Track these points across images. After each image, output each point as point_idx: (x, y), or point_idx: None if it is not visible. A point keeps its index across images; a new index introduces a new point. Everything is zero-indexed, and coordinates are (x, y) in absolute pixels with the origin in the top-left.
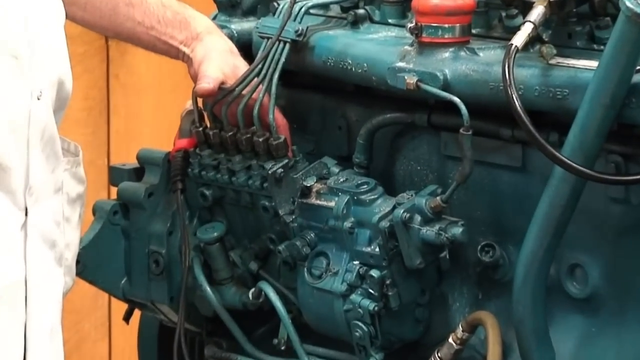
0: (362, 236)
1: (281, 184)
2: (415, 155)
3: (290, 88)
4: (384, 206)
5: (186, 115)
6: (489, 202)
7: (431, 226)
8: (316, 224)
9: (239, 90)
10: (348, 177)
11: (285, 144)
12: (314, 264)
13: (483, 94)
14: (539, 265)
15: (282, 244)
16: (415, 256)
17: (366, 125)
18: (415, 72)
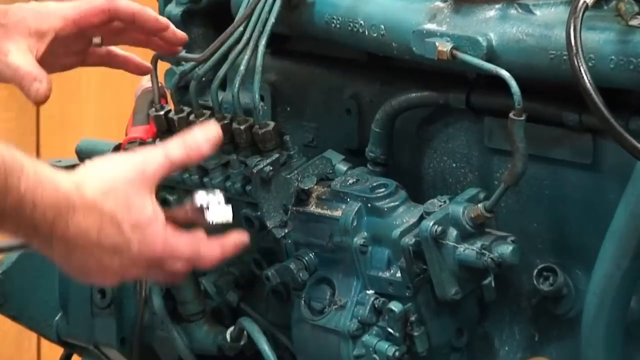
0: (378, 257)
1: (270, 186)
2: (449, 149)
3: (282, 58)
4: (408, 216)
5: (142, 94)
6: (549, 210)
7: (471, 243)
8: (317, 240)
9: (213, 62)
10: (359, 178)
11: (275, 133)
12: (314, 295)
13: (540, 66)
14: (615, 295)
15: (271, 268)
16: (449, 284)
17: (384, 108)
18: (449, 37)
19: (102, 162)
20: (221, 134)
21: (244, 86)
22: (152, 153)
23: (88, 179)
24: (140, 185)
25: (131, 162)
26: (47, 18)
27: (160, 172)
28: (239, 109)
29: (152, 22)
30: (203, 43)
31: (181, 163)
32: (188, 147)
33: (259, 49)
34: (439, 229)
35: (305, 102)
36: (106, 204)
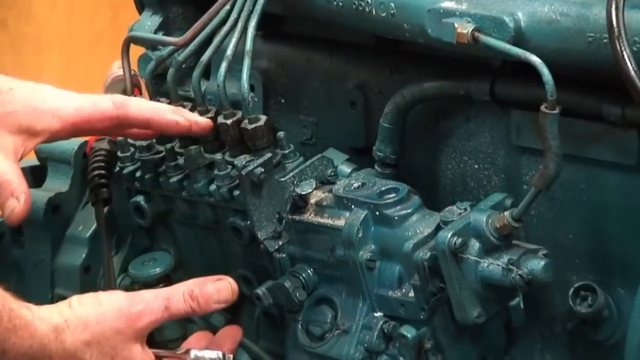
0: (387, 273)
1: (261, 191)
2: (470, 147)
3: (276, 42)
4: (422, 226)
5: (112, 84)
6: (587, 219)
7: (496, 258)
8: (316, 254)
9: (194, 46)
10: (366, 181)
11: (267, 129)
12: (312, 318)
13: (577, 51)
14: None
15: (263, 286)
16: (470, 305)
17: (394, 100)
18: (470, 17)
19: (90, 303)
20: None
21: (231, 74)
22: (151, 301)
23: (71, 324)
24: (129, 337)
25: (124, 309)
26: (43, 117)
27: (156, 324)
28: (225, 100)
29: (170, 128)
30: (183, 24)
31: (182, 317)
32: (195, 303)
33: (249, 31)
34: (459, 241)
35: (302, 93)
36: (87, 356)
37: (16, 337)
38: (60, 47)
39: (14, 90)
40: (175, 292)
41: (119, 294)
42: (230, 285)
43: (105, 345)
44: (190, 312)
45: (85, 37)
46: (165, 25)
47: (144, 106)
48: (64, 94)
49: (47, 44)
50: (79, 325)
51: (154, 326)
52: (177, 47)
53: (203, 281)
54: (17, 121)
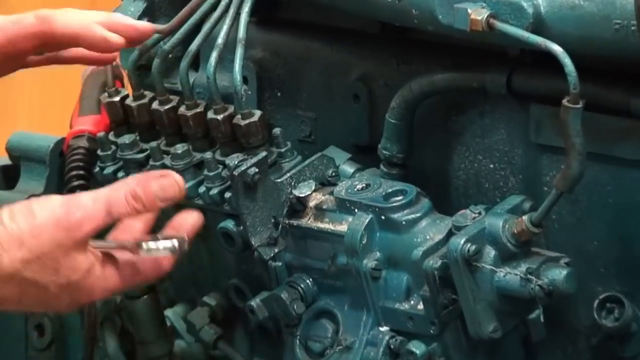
0: (394, 284)
1: (255, 193)
2: (485, 145)
3: (272, 29)
4: (433, 232)
5: (91, 76)
6: (613, 224)
7: (513, 266)
8: (315, 262)
9: (182, 34)
10: (371, 182)
11: (262, 125)
12: (312, 332)
13: (602, 39)
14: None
15: (257, 297)
16: (486, 318)
17: (401, 94)
18: (485, 2)
19: (22, 216)
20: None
21: (222, 65)
22: (90, 206)
23: (5, 243)
24: (70, 248)
25: (61, 218)
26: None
27: (97, 230)
28: (216, 94)
29: (101, 44)
30: (169, 10)
31: (125, 219)
32: (139, 204)
33: (242, 18)
34: (473, 248)
35: (300, 85)
36: (28, 273)
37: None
38: None
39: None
40: (116, 194)
41: (53, 200)
42: (176, 181)
43: (45, 259)
44: (133, 214)
45: None
46: (149, 11)
47: (71, 19)
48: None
49: None
50: (13, 243)
51: (95, 232)
52: (163, 35)
53: (145, 179)
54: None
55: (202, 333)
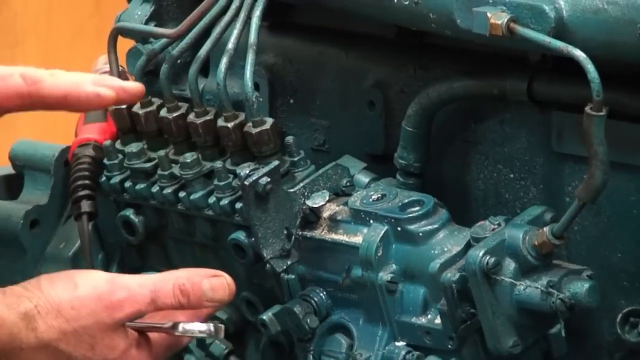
0: (411, 297)
1: (267, 204)
2: (505, 154)
3: (284, 34)
4: (451, 244)
5: None
6: (638, 236)
7: (534, 280)
8: (330, 275)
9: (191, 38)
10: (386, 192)
11: (274, 133)
12: (326, 347)
13: (626, 44)
14: None
15: (269, 311)
16: (505, 333)
17: (418, 101)
18: (505, 5)
19: (62, 285)
20: (234, 289)
21: (232, 71)
22: (136, 290)
23: (42, 310)
24: (109, 327)
25: (104, 296)
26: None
27: (136, 314)
28: (226, 100)
29: (92, 102)
30: (178, 13)
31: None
32: (185, 299)
33: (253, 22)
34: (492, 261)
35: (313, 92)
36: (62, 345)
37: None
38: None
39: None
40: (165, 284)
41: (98, 275)
42: (227, 283)
43: (82, 333)
44: (177, 307)
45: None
46: (157, 14)
47: (61, 80)
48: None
49: (22, 36)
50: (51, 311)
51: (135, 317)
52: (171, 40)
53: (196, 275)
54: None
55: (213, 348)
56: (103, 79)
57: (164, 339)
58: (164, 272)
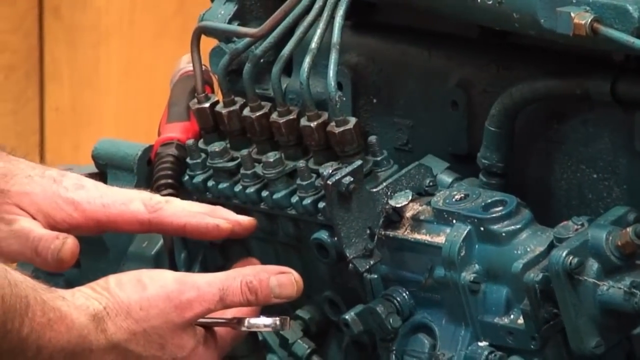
0: (493, 297)
1: (350, 204)
2: (588, 154)
3: (367, 33)
4: (533, 244)
5: (180, 81)
6: None
7: (617, 280)
8: (412, 275)
9: (274, 38)
10: (469, 192)
11: (357, 133)
12: (408, 347)
13: None
14: None
15: (351, 311)
16: (588, 333)
17: (501, 101)
18: (589, 5)
19: (131, 286)
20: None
21: (315, 70)
22: (205, 289)
23: (111, 311)
24: (179, 326)
25: (173, 295)
26: (64, 208)
27: (205, 313)
28: (309, 100)
29: (211, 233)
30: (261, 12)
31: (237, 307)
32: (253, 296)
33: (336, 21)
34: (575, 261)
35: (396, 91)
36: (132, 346)
37: (52, 332)
38: (121, 38)
39: (32, 176)
40: (232, 282)
41: (166, 275)
42: (295, 280)
43: (152, 334)
44: (245, 305)
45: (149, 27)
46: (240, 13)
47: (179, 210)
48: (92, 185)
49: (105, 35)
50: (120, 312)
51: (204, 316)
52: (255, 39)
53: (263, 271)
54: (34, 204)
55: (295, 347)
56: (218, 211)
57: (229, 333)
58: (231, 270)
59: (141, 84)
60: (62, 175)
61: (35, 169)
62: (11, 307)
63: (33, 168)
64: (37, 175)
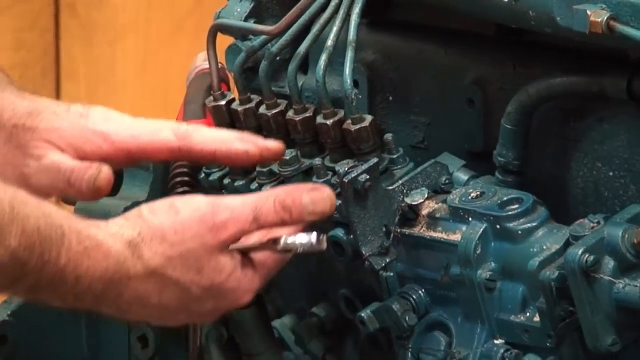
0: (509, 295)
1: (366, 201)
2: (604, 152)
3: (383, 31)
4: (549, 242)
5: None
6: None
7: (633, 277)
8: (428, 272)
9: (290, 35)
10: (485, 190)
11: (373, 130)
12: (424, 344)
13: None
14: None
15: (367, 309)
16: (604, 331)
17: (518, 98)
18: (605, 3)
19: (163, 211)
20: (334, 201)
21: (331, 68)
22: (238, 209)
23: (146, 237)
24: (215, 248)
25: (207, 217)
26: (93, 140)
27: (240, 233)
28: (325, 97)
29: (240, 159)
30: (278, 10)
31: (272, 227)
32: (287, 215)
33: (352, 19)
34: (591, 259)
35: (412, 89)
36: (169, 271)
37: (89, 260)
38: (137, 35)
39: (58, 112)
40: (266, 202)
41: (198, 199)
42: (328, 195)
43: (188, 257)
44: (279, 224)
45: (165, 25)
46: (257, 11)
47: (208, 137)
48: (119, 116)
49: (121, 32)
50: (155, 237)
51: (239, 237)
52: (271, 37)
53: (296, 189)
54: (62, 139)
55: (311, 345)
56: (247, 137)
57: (267, 257)
58: (263, 191)
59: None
60: (88, 109)
61: (60, 105)
62: (47, 238)
63: (58, 105)
64: (63, 111)
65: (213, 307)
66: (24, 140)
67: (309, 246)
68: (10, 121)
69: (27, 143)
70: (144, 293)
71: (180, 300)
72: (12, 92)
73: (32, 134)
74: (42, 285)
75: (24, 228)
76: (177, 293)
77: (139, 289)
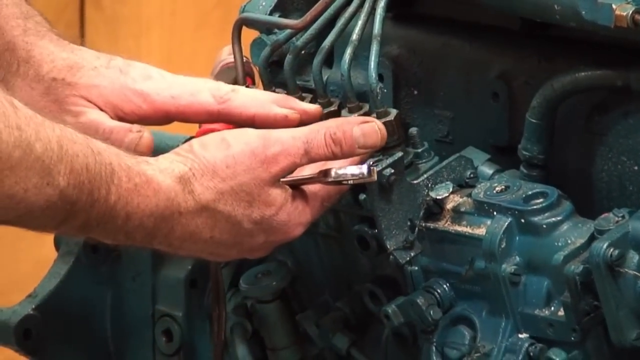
0: (534, 289)
1: (391, 195)
2: (629, 146)
3: (409, 25)
4: (574, 236)
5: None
6: None
7: None
8: (453, 266)
9: (315, 29)
10: (510, 184)
11: (398, 124)
12: (448, 339)
13: None
14: None
15: (392, 303)
16: (629, 325)
17: (543, 92)
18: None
19: (215, 145)
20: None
21: (356, 62)
22: (289, 143)
23: (197, 172)
24: (266, 182)
25: (258, 151)
26: (132, 100)
27: (293, 169)
28: (350, 91)
29: (279, 123)
30: (303, 4)
31: (322, 161)
32: (338, 148)
33: (377, 13)
34: (616, 253)
35: (437, 83)
36: (220, 205)
37: (139, 197)
38: (162, 29)
39: (98, 67)
40: (317, 135)
41: (249, 132)
42: (378, 128)
43: (239, 191)
44: (330, 157)
45: (190, 19)
46: (282, 5)
47: (248, 100)
48: (159, 74)
49: (146, 26)
50: (206, 172)
51: (290, 171)
52: (296, 31)
53: (346, 122)
54: (101, 97)
55: (335, 339)
56: (286, 100)
57: (318, 190)
58: (314, 124)
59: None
60: (129, 65)
61: (100, 58)
62: (97, 175)
63: (97, 58)
64: (102, 67)
65: (264, 241)
66: (62, 95)
67: (359, 177)
68: (49, 74)
69: (65, 98)
70: (196, 229)
71: (231, 234)
72: (52, 41)
73: (71, 90)
74: (93, 224)
75: (72, 167)
76: (228, 227)
77: (190, 225)
